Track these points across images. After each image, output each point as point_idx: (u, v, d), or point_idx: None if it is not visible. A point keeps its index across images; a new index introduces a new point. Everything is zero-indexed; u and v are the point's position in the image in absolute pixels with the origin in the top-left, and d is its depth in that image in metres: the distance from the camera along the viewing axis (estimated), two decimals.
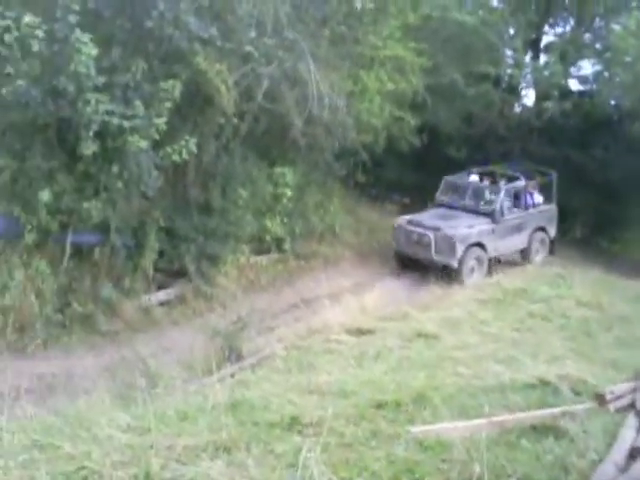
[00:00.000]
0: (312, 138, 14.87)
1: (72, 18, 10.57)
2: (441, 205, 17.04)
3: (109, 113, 10.93)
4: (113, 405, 6.18)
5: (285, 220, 15.70)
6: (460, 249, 15.19)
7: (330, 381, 6.80)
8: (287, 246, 15.73)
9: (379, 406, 5.60)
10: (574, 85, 21.10)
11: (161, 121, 11.39)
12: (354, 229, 17.67)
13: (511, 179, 17.06)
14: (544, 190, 17.54)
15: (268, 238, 15.44)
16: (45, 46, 10.67)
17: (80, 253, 12.16)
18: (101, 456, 4.40)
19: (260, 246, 15.38)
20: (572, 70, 20.51)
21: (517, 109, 22.33)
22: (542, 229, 17.41)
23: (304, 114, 13.71)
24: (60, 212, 11.33)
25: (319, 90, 13.56)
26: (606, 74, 20.04)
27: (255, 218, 15.04)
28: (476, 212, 16.36)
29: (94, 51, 10.61)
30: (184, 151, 11.85)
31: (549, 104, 18.91)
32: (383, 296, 13.35)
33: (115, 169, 11.33)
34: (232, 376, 9.15)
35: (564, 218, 18.53)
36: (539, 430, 5.10)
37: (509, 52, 20.45)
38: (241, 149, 14.40)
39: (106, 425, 5.10)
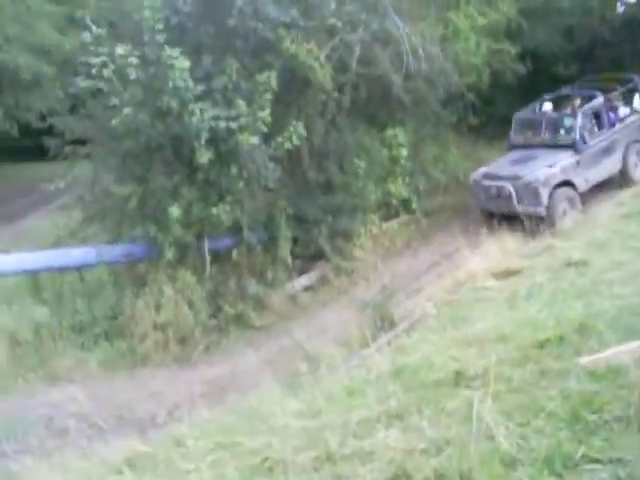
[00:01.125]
0: (415, 93, 14.59)
1: (159, 38, 10.90)
2: (516, 147, 15.52)
3: (215, 118, 11.20)
4: (282, 394, 6.35)
5: (407, 180, 15.54)
6: (545, 194, 13.65)
7: (487, 329, 6.69)
8: (414, 205, 15.59)
9: (542, 344, 5.45)
10: None
11: (265, 114, 11.52)
12: None
13: (587, 99, 15.24)
14: (631, 98, 15.77)
15: (394, 202, 15.36)
16: (141, 71, 11.06)
17: (220, 257, 12.58)
18: (281, 445, 4.55)
19: (388, 212, 15.33)
20: None
21: (619, 9, 20.94)
22: (637, 141, 15.49)
23: (402, 71, 13.50)
24: (192, 223, 11.72)
25: (411, 43, 13.34)
26: None
27: (377, 185, 14.98)
28: (556, 146, 14.67)
29: (187, 63, 10.88)
30: (294, 137, 11.96)
31: None
32: (522, 233, 13.01)
33: (234, 170, 11.61)
34: (389, 344, 9.19)
35: None
36: None
37: None
38: (348, 121, 14.34)
39: (280, 414, 5.26)
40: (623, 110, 15.59)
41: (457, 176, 16.82)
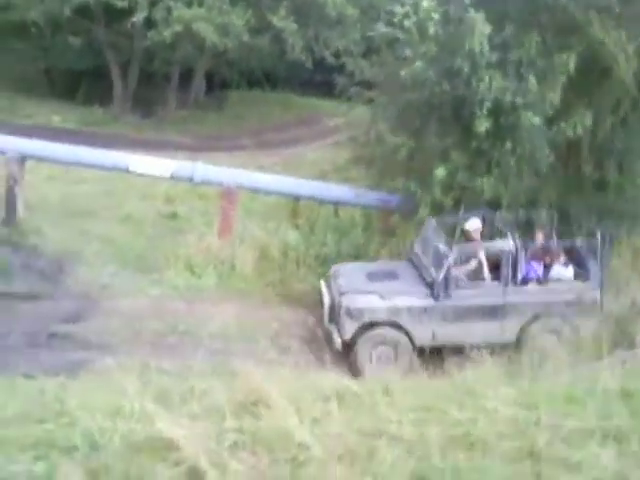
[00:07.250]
0: None
1: None
2: (410, 259, 11.36)
3: (502, 90, 10.97)
4: (499, 379, 6.25)
5: None
6: (350, 328, 10.01)
7: None
8: None
9: None
10: None
11: (555, 95, 11.10)
12: None
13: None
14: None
15: None
16: (441, 28, 11.07)
17: None
18: (487, 426, 4.51)
19: None
20: None
21: None
22: (558, 316, 10.57)
23: None
24: (453, 188, 11.66)
25: None
26: None
27: None
28: (423, 278, 10.70)
29: (487, 29, 10.71)
30: (578, 126, 11.39)
31: None
32: None
33: (508, 145, 11.32)
34: (623, 363, 8.68)
35: None
36: None
37: None
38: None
39: (492, 397, 5.19)
40: (559, 270, 10.97)
41: None
